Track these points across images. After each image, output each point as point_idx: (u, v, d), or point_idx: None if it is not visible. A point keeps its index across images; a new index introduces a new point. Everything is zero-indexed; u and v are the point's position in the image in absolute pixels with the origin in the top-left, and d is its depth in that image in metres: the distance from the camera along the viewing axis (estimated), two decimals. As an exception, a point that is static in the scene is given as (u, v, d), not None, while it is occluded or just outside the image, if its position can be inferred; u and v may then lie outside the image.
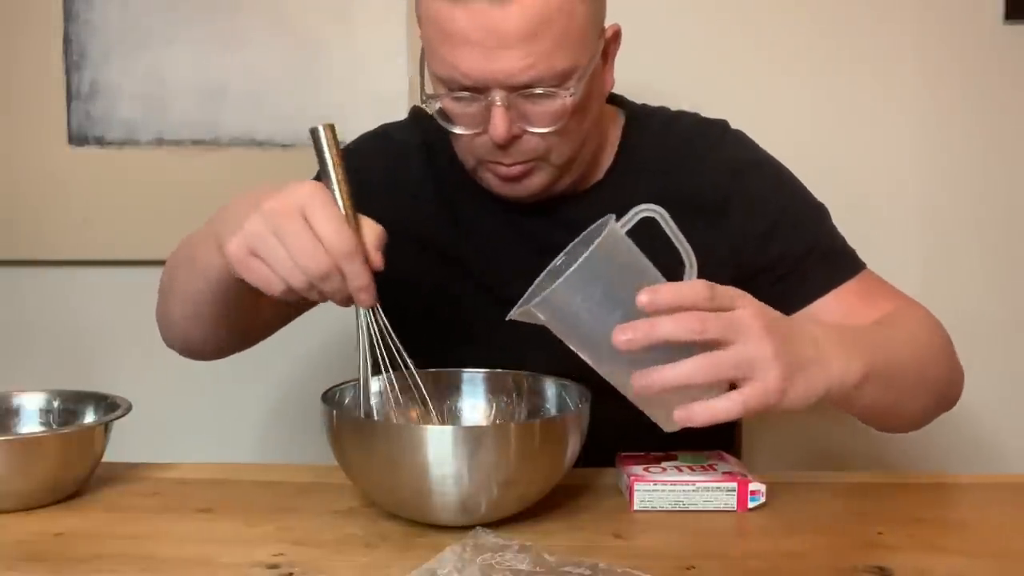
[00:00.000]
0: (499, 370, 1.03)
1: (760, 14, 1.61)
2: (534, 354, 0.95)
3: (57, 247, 1.70)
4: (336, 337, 1.69)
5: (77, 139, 1.68)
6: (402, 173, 1.19)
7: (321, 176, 0.91)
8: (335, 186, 0.90)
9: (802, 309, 1.10)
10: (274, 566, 0.82)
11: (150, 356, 1.72)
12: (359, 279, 0.88)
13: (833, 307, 1.10)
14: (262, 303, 1.09)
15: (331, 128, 0.92)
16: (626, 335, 0.77)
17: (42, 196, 1.69)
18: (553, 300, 0.78)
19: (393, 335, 0.93)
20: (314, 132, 0.91)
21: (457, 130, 1.05)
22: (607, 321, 0.78)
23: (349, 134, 1.63)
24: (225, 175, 1.66)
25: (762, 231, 1.13)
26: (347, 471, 0.92)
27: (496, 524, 0.88)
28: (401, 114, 1.31)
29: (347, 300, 0.90)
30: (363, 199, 0.92)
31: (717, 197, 1.14)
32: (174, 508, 0.95)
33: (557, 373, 1.00)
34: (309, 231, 0.86)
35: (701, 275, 1.08)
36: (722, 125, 1.20)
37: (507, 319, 0.82)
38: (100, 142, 1.68)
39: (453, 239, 1.17)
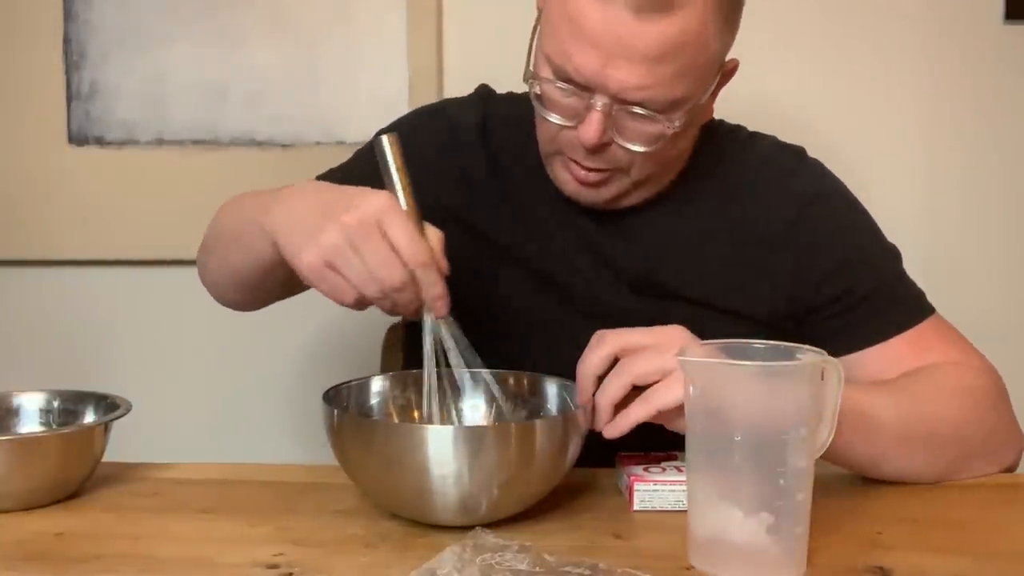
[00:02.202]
0: (500, 370, 1.02)
1: (759, 15, 1.61)
2: (573, 348, 0.95)
3: (57, 247, 1.70)
4: (337, 337, 1.69)
5: (77, 139, 1.68)
6: (457, 155, 1.17)
7: (386, 184, 0.92)
8: (400, 195, 0.91)
9: (843, 357, 1.07)
10: (274, 566, 0.82)
11: (150, 356, 1.73)
12: (435, 288, 0.89)
13: (876, 359, 1.08)
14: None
15: (395, 138, 0.93)
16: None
17: (42, 196, 1.69)
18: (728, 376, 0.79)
19: (468, 344, 0.94)
20: (378, 143, 0.93)
21: (550, 118, 1.03)
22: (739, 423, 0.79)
23: (349, 134, 1.64)
24: (225, 175, 1.66)
25: (822, 272, 1.10)
26: (348, 471, 0.92)
27: (496, 524, 0.88)
28: (401, 114, 1.31)
29: (416, 311, 0.91)
30: (415, 178, 0.93)
31: (781, 228, 1.11)
32: (174, 508, 0.95)
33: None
34: (386, 244, 0.87)
35: (756, 303, 1.10)
36: (798, 152, 1.17)
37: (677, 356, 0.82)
38: (100, 142, 1.68)
39: (505, 227, 1.15)
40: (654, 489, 0.94)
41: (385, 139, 0.92)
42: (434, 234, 0.91)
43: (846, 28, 1.61)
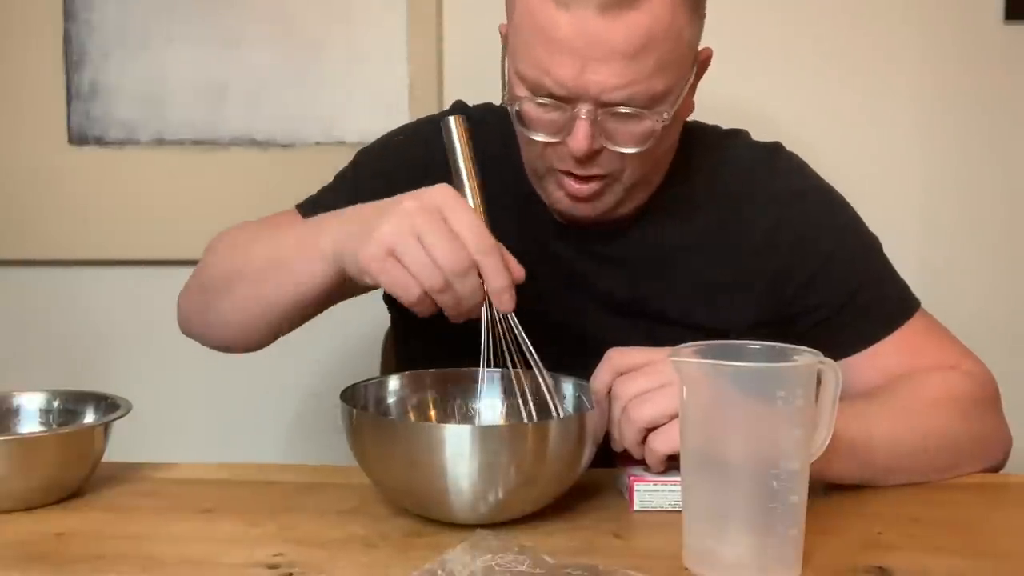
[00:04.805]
0: (517, 369, 1.02)
1: (759, 15, 1.61)
2: (551, 369, 0.96)
3: (57, 247, 1.71)
4: (337, 338, 1.69)
5: (77, 139, 1.68)
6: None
7: (451, 171, 0.90)
8: (466, 182, 0.90)
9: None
10: (274, 566, 0.82)
11: (150, 356, 1.73)
12: (500, 279, 0.87)
13: (865, 366, 1.08)
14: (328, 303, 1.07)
15: (462, 121, 0.91)
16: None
17: (42, 196, 1.69)
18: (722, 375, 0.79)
19: (528, 342, 0.92)
20: (445, 124, 0.91)
21: (535, 136, 1.01)
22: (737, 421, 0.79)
23: (349, 134, 1.64)
24: (225, 175, 1.66)
25: (804, 278, 1.10)
26: (365, 469, 0.92)
27: (497, 525, 0.88)
28: (401, 114, 1.31)
29: (477, 308, 0.89)
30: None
31: (759, 236, 1.10)
32: (174, 508, 0.95)
33: None
34: (448, 229, 0.85)
35: (740, 317, 1.09)
36: (771, 152, 1.15)
37: (670, 356, 0.80)
38: (100, 142, 1.68)
39: None
40: (654, 489, 0.94)
41: (452, 121, 0.91)
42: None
43: (846, 28, 1.61)
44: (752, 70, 1.60)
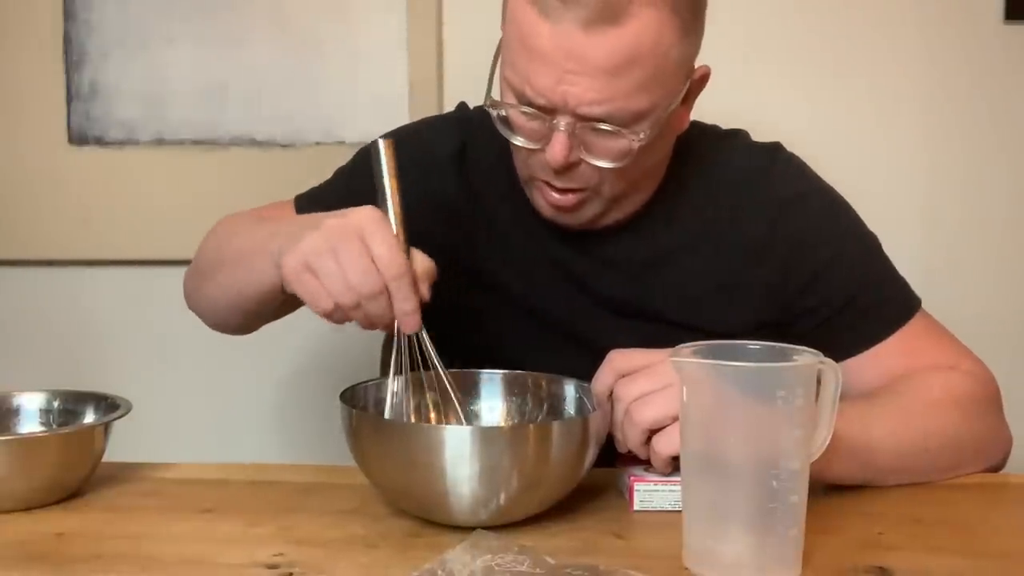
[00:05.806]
0: (517, 371, 1.02)
1: (760, 14, 1.61)
2: (552, 370, 0.96)
3: (57, 247, 1.71)
4: (337, 337, 1.68)
5: (77, 139, 1.68)
6: (432, 183, 1.15)
7: (376, 191, 0.92)
8: (389, 206, 0.92)
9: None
10: (274, 566, 0.82)
11: (150, 356, 1.73)
12: (407, 303, 0.89)
13: (867, 366, 1.08)
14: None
15: (391, 144, 0.92)
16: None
17: (42, 196, 1.69)
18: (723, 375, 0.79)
19: (439, 361, 0.95)
20: (374, 147, 0.92)
21: (516, 141, 1.02)
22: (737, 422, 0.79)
23: (349, 134, 1.64)
24: (225, 175, 1.66)
25: (804, 279, 1.10)
26: (365, 470, 0.92)
27: (497, 525, 0.88)
28: (401, 114, 1.31)
29: (390, 325, 0.91)
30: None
31: (760, 237, 1.10)
32: (174, 508, 0.95)
33: None
34: (365, 251, 0.87)
35: (741, 319, 1.09)
36: (771, 153, 1.15)
37: (671, 357, 0.81)
38: (100, 142, 1.68)
39: (484, 257, 1.14)
40: (654, 489, 0.94)
41: (381, 144, 0.92)
42: (422, 261, 0.91)
43: (846, 28, 1.61)
44: (751, 70, 1.60)
